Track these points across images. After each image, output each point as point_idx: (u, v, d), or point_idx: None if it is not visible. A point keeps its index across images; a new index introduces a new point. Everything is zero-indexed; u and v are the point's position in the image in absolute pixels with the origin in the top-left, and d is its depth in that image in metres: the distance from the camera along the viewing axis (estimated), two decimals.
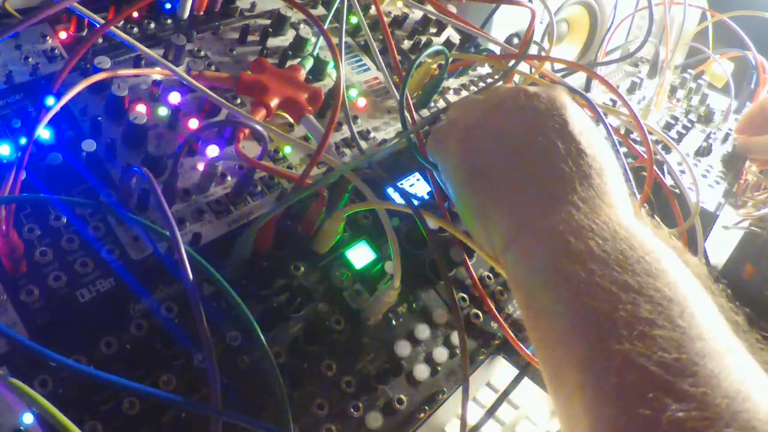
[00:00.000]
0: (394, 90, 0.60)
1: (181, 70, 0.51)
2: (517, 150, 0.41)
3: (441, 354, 0.51)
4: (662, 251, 0.35)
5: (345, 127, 0.62)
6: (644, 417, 0.27)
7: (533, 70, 0.69)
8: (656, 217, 0.71)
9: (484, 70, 0.79)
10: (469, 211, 0.43)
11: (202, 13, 0.64)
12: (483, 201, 0.41)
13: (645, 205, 0.57)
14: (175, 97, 0.54)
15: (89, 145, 0.48)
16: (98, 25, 0.51)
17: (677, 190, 0.72)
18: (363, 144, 0.62)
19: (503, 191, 0.40)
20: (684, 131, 0.99)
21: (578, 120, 0.42)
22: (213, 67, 0.60)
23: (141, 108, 0.52)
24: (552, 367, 0.35)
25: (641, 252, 0.33)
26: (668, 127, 0.99)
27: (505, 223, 0.39)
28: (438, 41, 0.78)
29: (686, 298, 0.32)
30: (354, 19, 0.71)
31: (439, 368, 0.50)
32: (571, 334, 0.32)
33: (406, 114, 0.53)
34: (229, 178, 0.53)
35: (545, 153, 0.40)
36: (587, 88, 1.04)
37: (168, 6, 0.61)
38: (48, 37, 0.55)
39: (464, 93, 0.74)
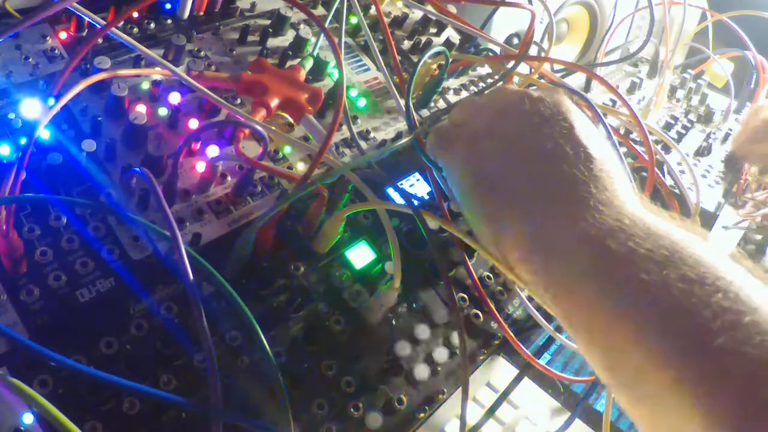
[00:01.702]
0: (395, 90, 0.60)
1: (181, 70, 0.51)
2: (527, 157, 0.41)
3: (441, 354, 0.51)
4: (694, 240, 0.35)
5: (345, 127, 0.62)
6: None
7: (533, 70, 0.69)
8: None
9: (484, 70, 0.79)
10: (478, 218, 0.43)
11: (202, 13, 0.64)
12: (494, 209, 0.41)
13: None
14: (175, 98, 0.54)
15: (89, 145, 0.48)
16: (98, 26, 0.51)
17: (677, 190, 0.72)
18: (363, 144, 0.62)
19: (517, 199, 0.40)
20: (684, 131, 0.99)
21: (583, 124, 0.42)
22: (213, 68, 0.60)
23: (141, 108, 0.52)
24: (626, 367, 0.34)
25: (682, 244, 0.34)
26: (668, 127, 1.00)
27: (524, 230, 0.39)
28: (438, 41, 0.78)
29: (741, 279, 0.32)
30: (354, 20, 0.71)
31: (439, 368, 0.50)
32: (651, 335, 0.32)
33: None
34: (229, 178, 0.53)
35: (556, 159, 0.40)
36: (587, 88, 1.04)
37: (168, 6, 0.61)
38: (48, 37, 0.55)
39: (464, 93, 0.74)
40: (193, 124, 0.54)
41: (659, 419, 0.33)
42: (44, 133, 0.47)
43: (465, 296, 0.55)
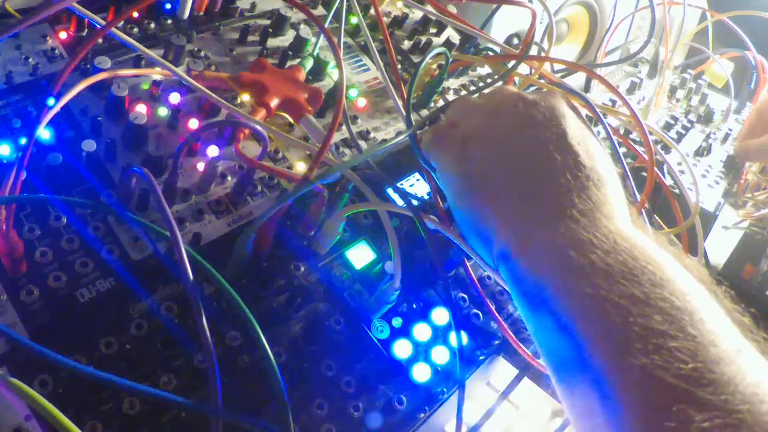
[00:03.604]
0: (393, 91, 0.60)
1: (181, 70, 0.51)
2: (514, 162, 0.41)
3: (441, 354, 0.51)
4: (664, 258, 0.35)
5: (344, 127, 0.62)
6: (670, 430, 0.27)
7: (533, 70, 0.69)
8: (656, 217, 0.71)
9: (484, 70, 0.79)
10: (465, 219, 0.43)
11: (202, 13, 0.64)
12: (480, 211, 0.42)
13: (646, 205, 0.57)
14: (175, 98, 0.54)
15: (89, 145, 0.48)
16: (98, 26, 0.51)
17: (677, 190, 0.72)
18: (363, 144, 0.62)
19: (500, 203, 0.40)
20: (684, 131, 0.99)
21: (577, 130, 0.42)
22: (213, 68, 0.60)
23: (141, 108, 0.52)
24: (566, 381, 0.34)
25: (643, 262, 0.34)
26: (668, 127, 1.00)
27: (503, 235, 0.39)
28: (438, 41, 0.78)
29: (693, 304, 0.32)
30: (354, 20, 0.71)
31: (439, 368, 0.50)
32: (584, 350, 0.32)
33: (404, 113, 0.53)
34: (229, 178, 0.53)
35: (542, 165, 0.40)
36: (587, 88, 1.04)
37: (168, 6, 0.61)
38: (48, 37, 0.55)
39: (464, 93, 0.74)
40: (193, 124, 0.54)
41: None
42: (44, 133, 0.47)
43: (465, 296, 0.55)
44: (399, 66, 0.72)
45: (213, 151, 0.51)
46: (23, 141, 0.46)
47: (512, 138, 0.42)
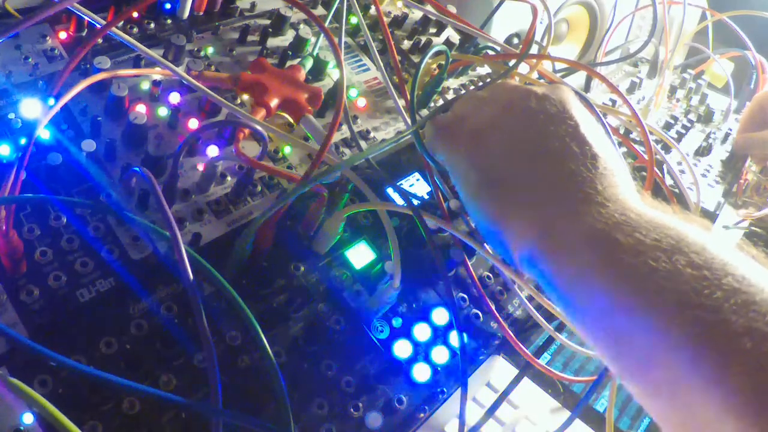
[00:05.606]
0: (393, 90, 0.60)
1: (181, 70, 0.51)
2: (534, 155, 0.41)
3: (441, 354, 0.51)
4: (700, 231, 0.35)
5: (344, 127, 0.62)
6: None
7: (531, 68, 0.69)
8: None
9: (484, 69, 0.79)
10: (484, 216, 0.43)
11: (201, 13, 0.64)
12: (500, 207, 0.41)
13: None
14: (175, 97, 0.54)
15: (89, 145, 0.48)
16: (98, 26, 0.51)
17: (677, 190, 0.72)
18: (363, 144, 0.62)
19: (524, 197, 0.40)
20: (684, 131, 0.99)
21: (587, 122, 0.43)
22: (213, 67, 0.60)
23: (141, 108, 0.52)
24: (637, 354, 0.34)
25: (686, 235, 0.34)
26: (668, 126, 1.00)
27: (531, 227, 0.39)
28: (438, 41, 0.78)
29: (746, 265, 0.33)
30: (354, 19, 0.71)
31: (439, 368, 0.50)
32: (664, 320, 0.32)
33: (406, 114, 0.53)
34: (229, 178, 0.53)
35: (563, 157, 0.40)
36: (587, 88, 1.04)
37: (168, 6, 0.61)
38: (48, 37, 0.55)
39: (464, 93, 0.74)
40: (193, 124, 0.54)
41: (676, 404, 0.33)
42: (44, 133, 0.47)
43: (465, 296, 0.55)
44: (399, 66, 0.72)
45: (213, 151, 0.51)
46: (23, 141, 0.46)
47: (529, 131, 0.42)
